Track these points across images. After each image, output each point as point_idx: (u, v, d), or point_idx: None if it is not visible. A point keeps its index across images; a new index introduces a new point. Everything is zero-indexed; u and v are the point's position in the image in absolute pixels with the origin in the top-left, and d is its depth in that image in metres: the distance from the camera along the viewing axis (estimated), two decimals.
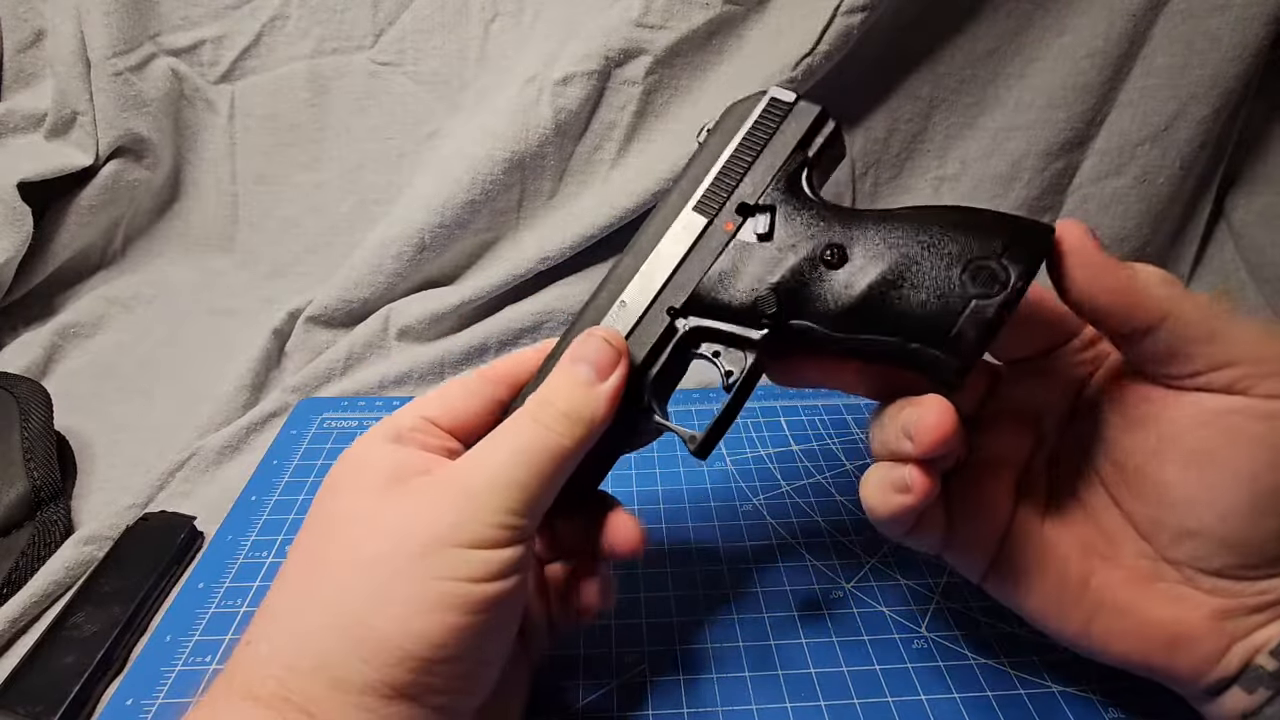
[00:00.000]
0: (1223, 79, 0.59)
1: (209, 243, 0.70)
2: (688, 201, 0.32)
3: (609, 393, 0.29)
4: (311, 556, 0.26)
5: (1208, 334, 0.27)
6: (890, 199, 0.65)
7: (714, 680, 0.36)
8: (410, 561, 0.24)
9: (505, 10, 0.64)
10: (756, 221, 0.31)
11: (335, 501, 0.28)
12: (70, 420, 0.51)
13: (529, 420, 0.28)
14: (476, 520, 0.25)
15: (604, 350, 0.29)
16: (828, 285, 0.29)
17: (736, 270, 0.31)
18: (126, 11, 0.62)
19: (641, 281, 0.31)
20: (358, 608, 0.24)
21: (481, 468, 0.27)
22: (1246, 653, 0.28)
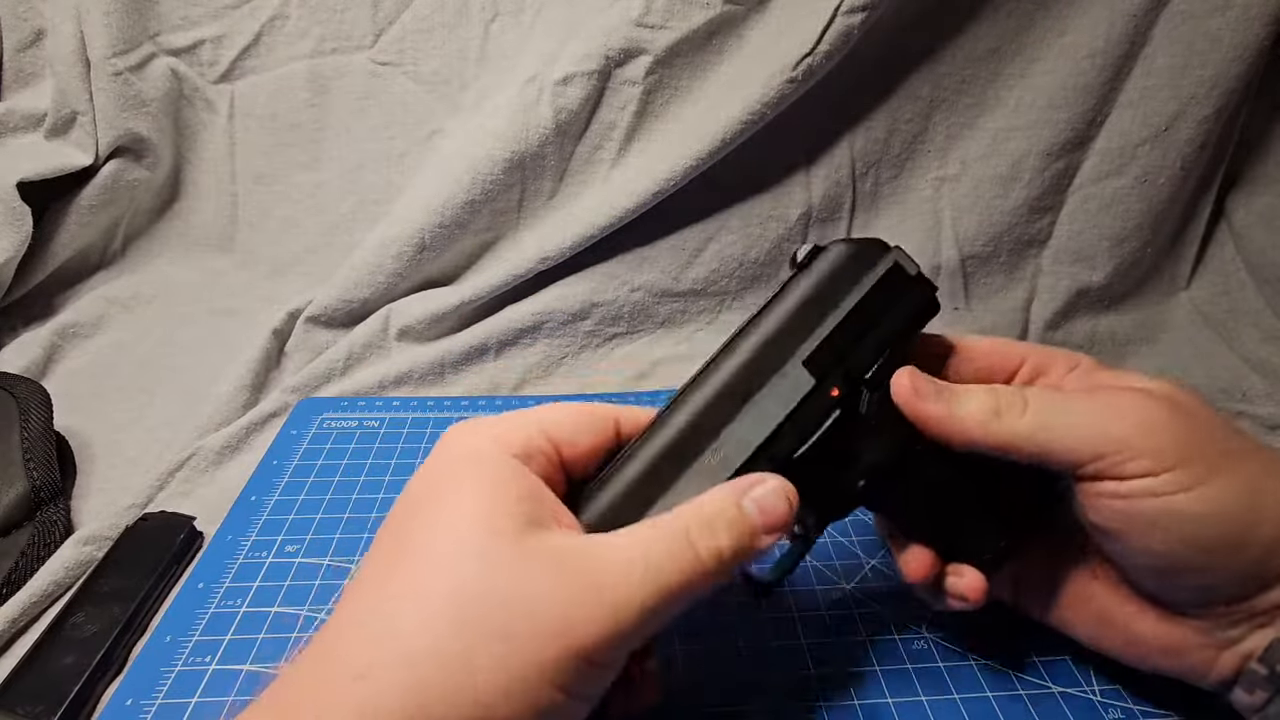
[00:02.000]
0: (1223, 79, 0.59)
1: (209, 243, 0.70)
2: (795, 351, 0.30)
3: (765, 547, 0.26)
4: (435, 592, 0.23)
5: (1056, 440, 0.28)
6: (890, 199, 0.65)
7: (714, 680, 0.36)
8: (547, 665, 0.22)
9: (505, 10, 0.64)
10: (864, 399, 0.30)
11: (458, 515, 0.24)
12: (70, 420, 0.51)
13: (685, 537, 0.25)
14: (608, 642, 0.23)
15: (780, 506, 0.26)
16: (909, 483, 0.32)
17: (835, 444, 0.30)
18: (126, 11, 0.62)
19: (741, 429, 0.29)
20: (484, 691, 0.22)
21: (631, 574, 0.24)
22: (1237, 660, 0.29)
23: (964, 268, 0.65)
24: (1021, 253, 0.65)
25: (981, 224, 0.64)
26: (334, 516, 0.44)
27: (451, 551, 0.24)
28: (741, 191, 0.64)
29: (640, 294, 0.63)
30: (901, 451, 0.31)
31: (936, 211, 0.65)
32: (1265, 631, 0.28)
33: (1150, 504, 0.27)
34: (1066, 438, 0.28)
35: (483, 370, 0.60)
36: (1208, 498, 0.27)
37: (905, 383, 0.30)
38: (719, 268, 0.64)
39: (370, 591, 0.24)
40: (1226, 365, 0.61)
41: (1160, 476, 0.27)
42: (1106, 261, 0.64)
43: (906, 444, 0.31)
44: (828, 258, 0.32)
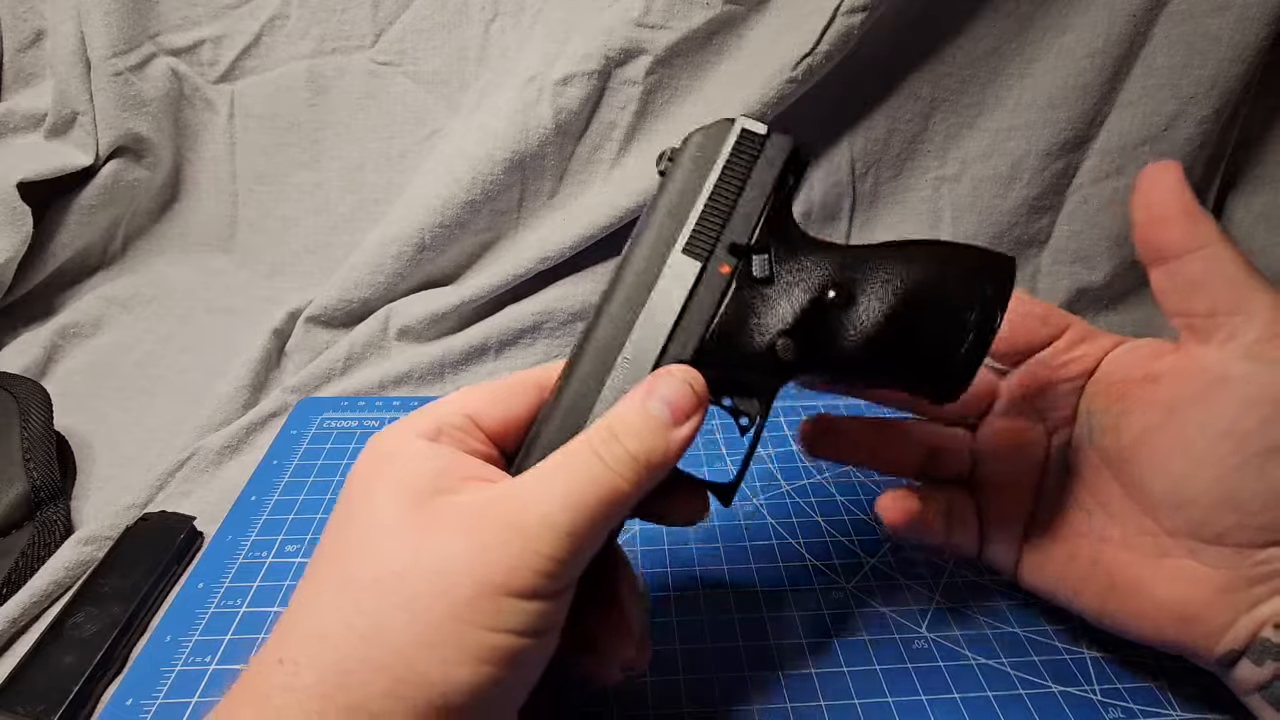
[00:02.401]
0: (1223, 79, 0.59)
1: (209, 243, 0.70)
2: (674, 243, 0.30)
3: (681, 440, 0.26)
4: (347, 568, 0.24)
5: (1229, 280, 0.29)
6: (890, 199, 0.65)
7: (714, 680, 0.36)
8: (463, 606, 0.23)
9: (505, 10, 0.64)
10: (755, 263, 0.30)
11: (369, 504, 0.25)
12: (70, 420, 0.51)
13: (591, 455, 0.25)
14: (527, 567, 0.23)
15: (685, 393, 0.27)
16: (837, 328, 0.30)
17: (743, 316, 0.30)
18: (126, 11, 0.62)
19: (643, 332, 0.29)
20: (403, 647, 0.22)
21: (535, 503, 0.24)
22: (1253, 625, 0.29)
23: None
24: (1021, 252, 0.65)
25: (981, 224, 0.64)
26: None
27: (366, 537, 0.25)
28: None
29: None
30: (813, 299, 0.30)
31: (936, 211, 0.65)
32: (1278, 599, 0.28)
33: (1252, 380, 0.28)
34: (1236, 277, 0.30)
35: (483, 370, 0.60)
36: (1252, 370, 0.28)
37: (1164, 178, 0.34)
38: None
39: (302, 589, 0.25)
40: None
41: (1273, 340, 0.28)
42: (1106, 261, 0.64)
43: (817, 291, 0.30)
44: (682, 152, 0.32)
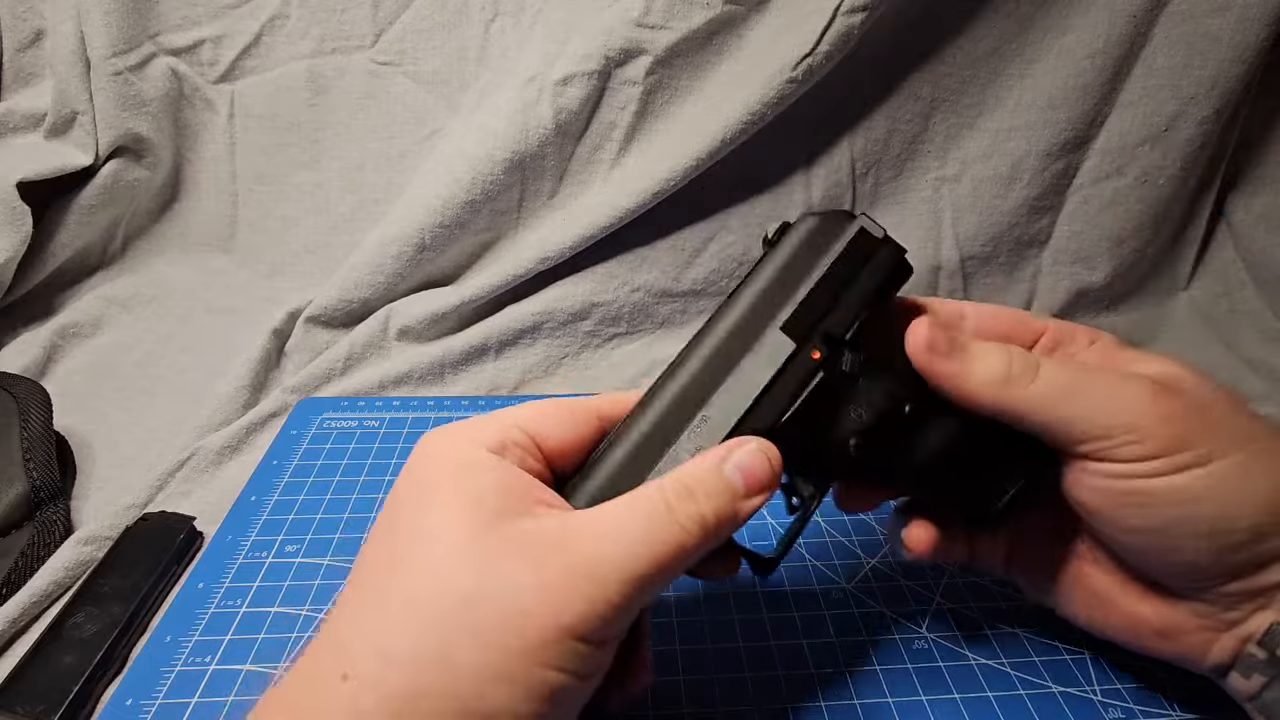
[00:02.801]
0: (1223, 80, 0.60)
1: (209, 243, 0.70)
2: (773, 319, 0.30)
3: (750, 510, 0.26)
4: (409, 583, 0.24)
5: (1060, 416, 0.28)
6: (890, 199, 0.65)
7: (714, 680, 0.36)
8: (534, 646, 0.22)
9: (505, 10, 0.64)
10: (846, 359, 0.30)
11: (433, 515, 0.25)
12: (70, 420, 0.51)
13: (664, 507, 0.25)
14: (596, 615, 0.23)
15: (763, 465, 0.27)
16: (902, 443, 0.31)
17: (822, 406, 0.30)
18: (126, 11, 0.62)
19: (727, 396, 0.29)
20: (472, 680, 0.22)
21: (609, 549, 0.24)
22: (1236, 642, 0.29)
23: (964, 268, 0.65)
24: (1021, 253, 0.65)
25: (981, 224, 0.64)
26: (334, 516, 0.44)
27: (430, 552, 0.24)
28: (741, 191, 0.64)
29: (640, 294, 0.63)
30: (891, 410, 0.30)
31: (936, 211, 0.65)
32: (1264, 614, 0.28)
33: (1136, 484, 0.27)
34: (1070, 415, 0.28)
35: (483, 370, 0.60)
36: (1189, 484, 0.27)
37: (922, 334, 0.29)
38: (719, 268, 0.64)
39: (358, 596, 0.25)
40: (1226, 366, 0.61)
41: (1148, 462, 0.27)
42: (1106, 261, 0.64)
43: (896, 402, 0.30)
44: (796, 231, 0.32)
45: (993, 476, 0.32)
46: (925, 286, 0.65)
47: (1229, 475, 0.27)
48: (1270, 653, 0.28)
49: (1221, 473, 0.27)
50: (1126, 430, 0.27)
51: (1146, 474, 0.27)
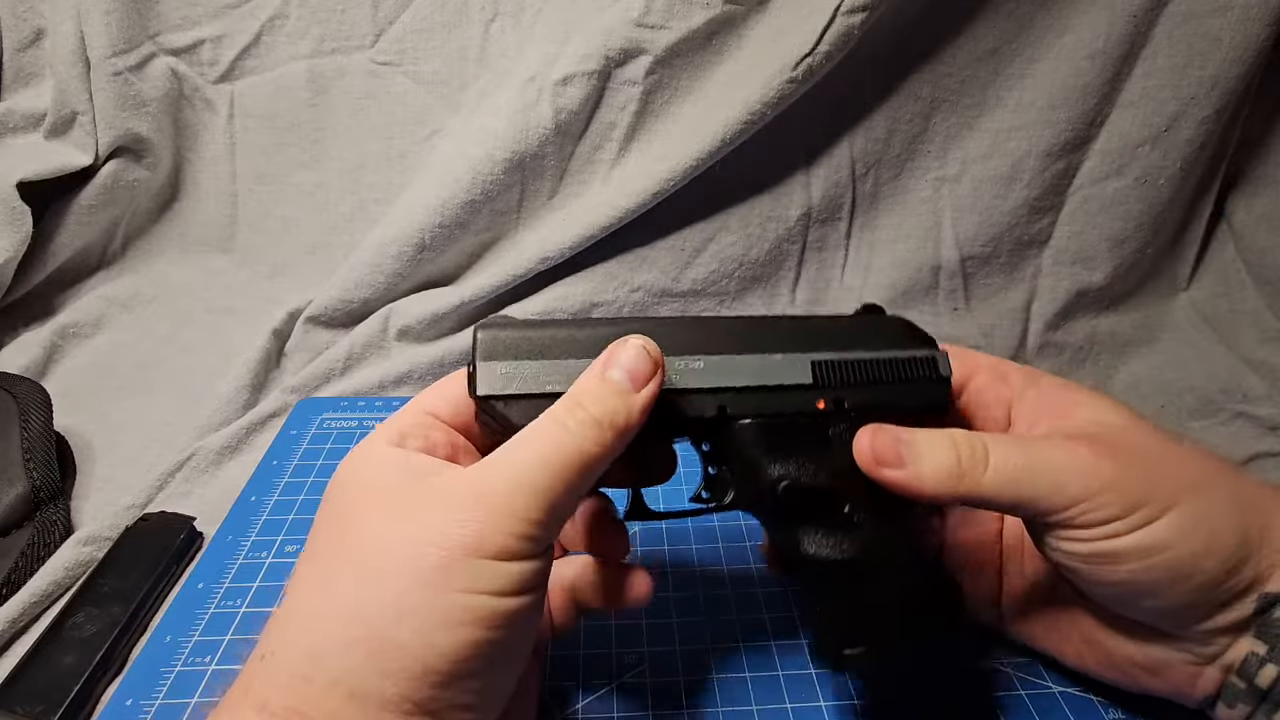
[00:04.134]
0: (1224, 80, 0.59)
1: (209, 243, 0.70)
2: (812, 351, 0.31)
3: (643, 402, 0.27)
4: (323, 563, 0.25)
5: (1016, 498, 0.28)
6: (890, 199, 0.65)
7: (714, 680, 0.36)
8: (432, 573, 0.23)
9: (505, 10, 0.64)
10: (838, 426, 0.31)
11: (342, 505, 0.26)
12: (70, 420, 0.51)
13: (555, 424, 0.26)
14: (499, 530, 0.24)
15: (641, 359, 0.27)
16: (827, 530, 0.30)
17: (785, 440, 0.31)
18: (126, 11, 0.62)
19: (725, 363, 0.30)
20: (377, 620, 0.23)
21: (502, 472, 0.25)
22: (1219, 673, 0.29)
23: (964, 268, 0.65)
24: (1021, 253, 0.65)
25: (981, 224, 0.64)
26: None
27: (334, 530, 0.26)
28: (741, 191, 0.64)
29: (640, 294, 0.63)
30: (830, 492, 0.31)
31: (936, 211, 0.65)
32: (1241, 643, 0.29)
33: (1101, 545, 0.28)
34: (1028, 498, 0.28)
35: None
36: (1152, 538, 0.27)
37: (865, 445, 0.30)
38: (718, 268, 0.64)
39: (282, 597, 0.26)
40: (1226, 365, 0.61)
41: (1108, 524, 0.28)
42: (1106, 262, 0.64)
43: (839, 491, 0.31)
44: (888, 320, 0.34)
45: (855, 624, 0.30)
46: (925, 286, 0.65)
47: (1185, 521, 0.27)
48: (1248, 681, 0.28)
49: (1179, 521, 0.27)
50: (1082, 501, 0.28)
51: (1110, 535, 0.28)
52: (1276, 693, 0.28)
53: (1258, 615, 0.28)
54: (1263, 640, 0.28)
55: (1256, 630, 0.28)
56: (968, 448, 0.29)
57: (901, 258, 0.65)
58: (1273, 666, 0.28)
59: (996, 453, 0.29)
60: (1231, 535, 0.28)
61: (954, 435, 0.29)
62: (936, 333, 0.34)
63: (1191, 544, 0.27)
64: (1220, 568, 0.27)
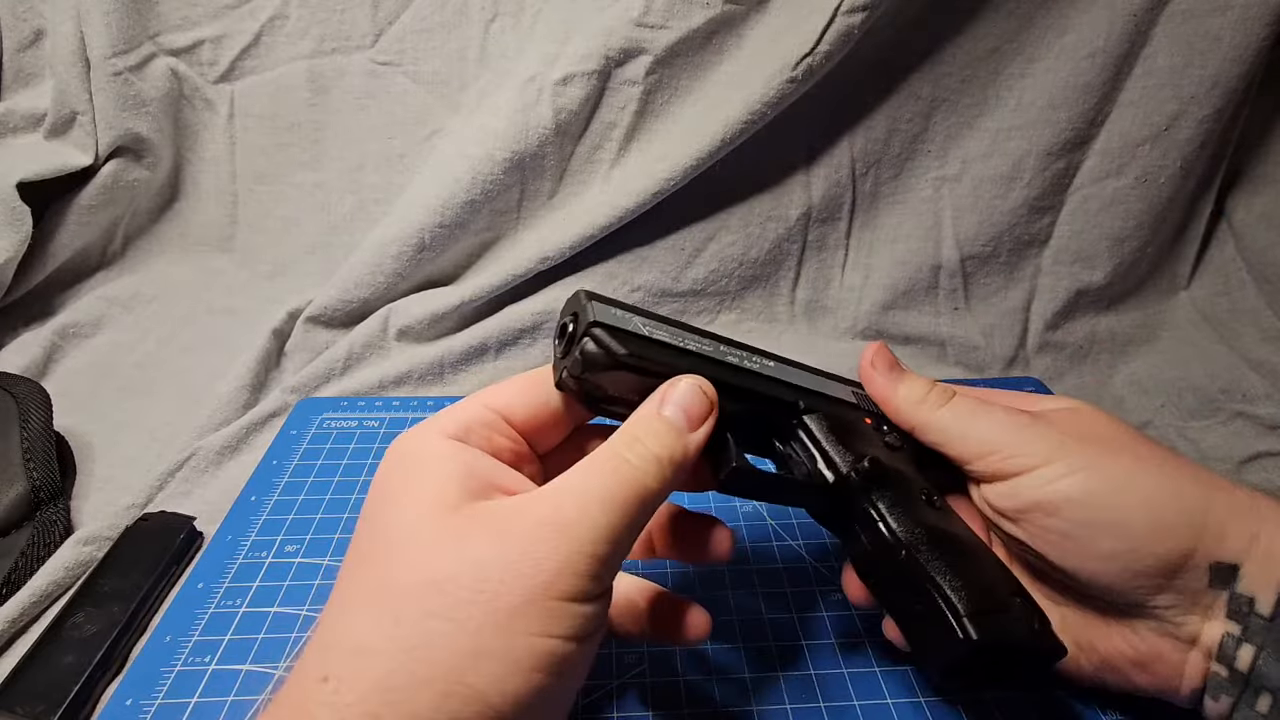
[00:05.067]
0: (1224, 79, 0.59)
1: (209, 243, 0.70)
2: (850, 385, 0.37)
3: (698, 442, 0.27)
4: (385, 582, 0.24)
5: (950, 437, 0.33)
6: (890, 199, 0.65)
7: (714, 681, 0.36)
8: (509, 615, 0.22)
9: (505, 10, 0.64)
10: (891, 435, 0.35)
11: (400, 512, 0.25)
12: (70, 420, 0.51)
13: (619, 458, 0.26)
14: (572, 569, 0.23)
15: (697, 399, 0.28)
16: (915, 510, 0.31)
17: (860, 438, 0.33)
18: (126, 11, 0.62)
19: (791, 371, 0.34)
20: (448, 660, 0.22)
21: (572, 506, 0.24)
22: (1201, 660, 0.30)
23: (964, 268, 0.65)
24: (1021, 253, 0.65)
25: (981, 224, 0.64)
26: (334, 516, 0.45)
27: (396, 545, 0.24)
28: (741, 191, 0.64)
29: (640, 294, 0.63)
30: (910, 484, 0.32)
31: (936, 211, 0.65)
32: (1214, 624, 0.29)
33: (1036, 495, 0.31)
34: (964, 435, 0.33)
35: (483, 370, 0.60)
36: (1069, 487, 0.30)
37: (870, 351, 0.36)
38: (719, 268, 0.64)
39: (337, 600, 0.25)
40: (1226, 365, 0.61)
41: (1029, 474, 0.31)
42: (1106, 261, 0.64)
43: (915, 477, 0.33)
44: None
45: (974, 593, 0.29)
46: (925, 286, 0.65)
47: (1109, 477, 0.30)
48: (1229, 666, 0.29)
49: (1101, 476, 0.30)
50: (1007, 447, 0.31)
51: (1038, 485, 0.30)
52: (1256, 676, 0.28)
53: (1218, 586, 0.29)
54: (1235, 621, 0.29)
55: (1229, 611, 0.29)
56: (939, 390, 0.34)
57: (901, 257, 0.65)
58: (1249, 647, 0.28)
59: (957, 400, 0.34)
60: (1162, 497, 0.30)
61: (935, 382, 0.35)
62: (936, 333, 0.35)
63: (1112, 498, 0.30)
64: (1149, 524, 0.29)
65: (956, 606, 0.28)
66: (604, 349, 0.27)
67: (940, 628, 0.28)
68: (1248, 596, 0.28)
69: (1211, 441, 0.55)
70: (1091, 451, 0.31)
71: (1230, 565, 0.29)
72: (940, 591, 0.29)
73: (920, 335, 0.63)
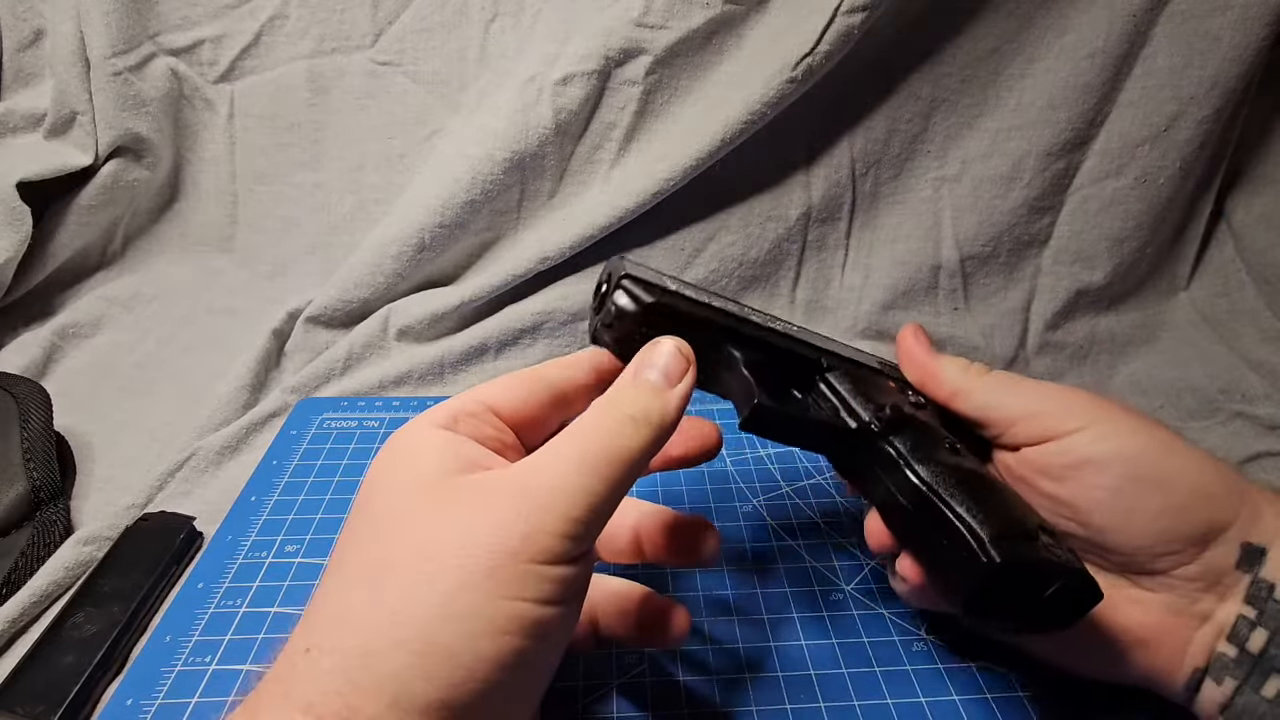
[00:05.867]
0: (1223, 79, 0.59)
1: (209, 243, 0.70)
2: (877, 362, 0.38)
3: (679, 397, 0.27)
4: (368, 556, 0.24)
5: (993, 403, 0.34)
6: (890, 199, 0.65)
7: (714, 681, 0.36)
8: (481, 576, 0.23)
9: (505, 10, 0.64)
10: (917, 396, 0.36)
11: (387, 493, 0.26)
12: (70, 420, 0.51)
13: (593, 423, 0.26)
14: (545, 530, 0.23)
15: (674, 357, 0.28)
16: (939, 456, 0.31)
17: (882, 392, 0.35)
18: (126, 11, 0.62)
19: (815, 335, 0.36)
20: (425, 622, 0.22)
21: (546, 471, 0.25)
22: (1208, 640, 0.30)
23: (963, 268, 0.65)
24: (1021, 253, 0.65)
25: (981, 224, 0.64)
26: (334, 516, 0.45)
27: (378, 520, 0.25)
28: (741, 191, 0.64)
29: None
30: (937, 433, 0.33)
31: (936, 211, 0.65)
32: (1228, 605, 0.30)
33: (1078, 453, 0.31)
34: (1005, 402, 0.34)
35: (483, 370, 0.60)
36: (1123, 445, 0.31)
37: (909, 332, 0.37)
38: (719, 268, 0.64)
39: (322, 579, 0.25)
40: (1226, 365, 0.61)
41: (1081, 432, 0.32)
42: (1106, 261, 0.64)
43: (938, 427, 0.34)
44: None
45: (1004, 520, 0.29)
46: (925, 286, 0.65)
47: (1159, 441, 0.31)
48: (1240, 648, 0.29)
49: (1153, 439, 0.31)
50: (1055, 411, 0.33)
51: (1090, 442, 0.31)
52: (1267, 660, 0.28)
53: (1244, 567, 0.29)
54: (1252, 605, 0.29)
55: (1248, 595, 0.29)
56: (977, 367, 0.36)
57: (901, 257, 0.65)
58: (1263, 631, 0.28)
59: (995, 373, 0.36)
60: (1205, 466, 0.31)
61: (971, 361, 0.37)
62: (936, 333, 0.35)
63: (1162, 460, 0.31)
64: (1195, 488, 0.30)
65: (980, 533, 0.28)
66: (633, 298, 0.29)
67: (964, 554, 0.28)
68: (1269, 583, 0.29)
69: (1211, 442, 0.55)
70: (1135, 419, 0.32)
71: (1260, 548, 0.29)
72: (963, 520, 0.29)
73: None
